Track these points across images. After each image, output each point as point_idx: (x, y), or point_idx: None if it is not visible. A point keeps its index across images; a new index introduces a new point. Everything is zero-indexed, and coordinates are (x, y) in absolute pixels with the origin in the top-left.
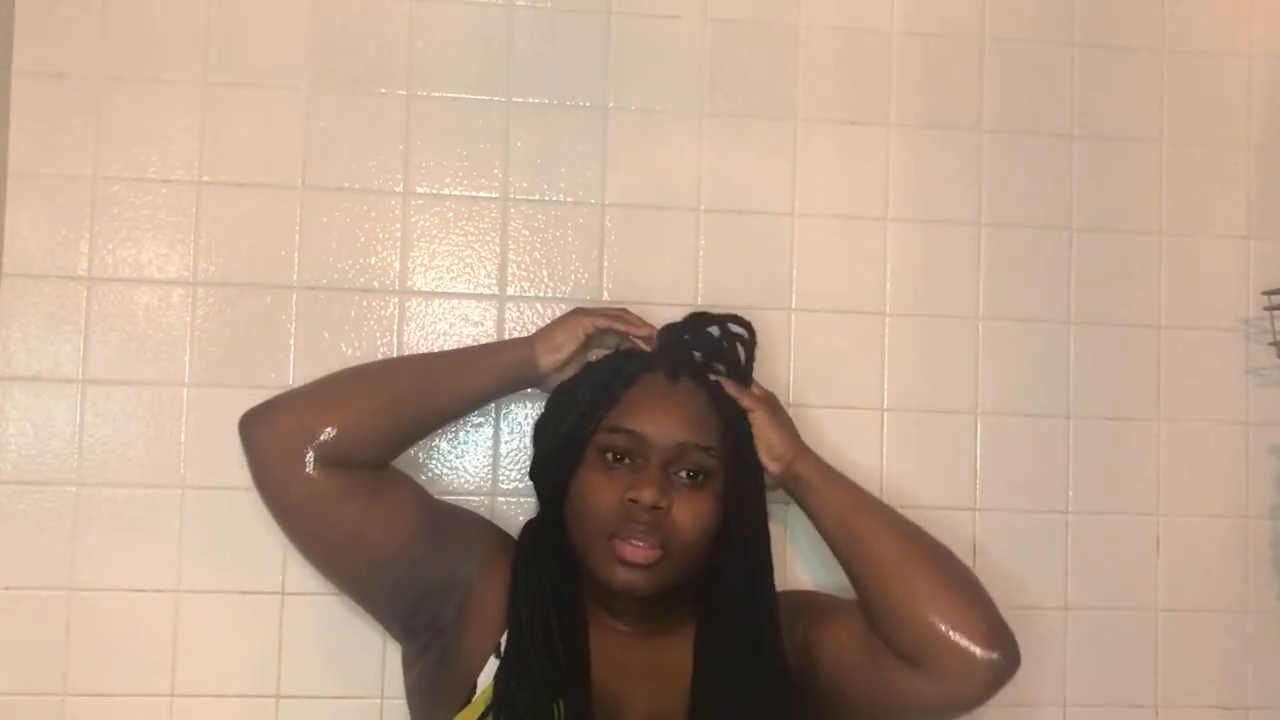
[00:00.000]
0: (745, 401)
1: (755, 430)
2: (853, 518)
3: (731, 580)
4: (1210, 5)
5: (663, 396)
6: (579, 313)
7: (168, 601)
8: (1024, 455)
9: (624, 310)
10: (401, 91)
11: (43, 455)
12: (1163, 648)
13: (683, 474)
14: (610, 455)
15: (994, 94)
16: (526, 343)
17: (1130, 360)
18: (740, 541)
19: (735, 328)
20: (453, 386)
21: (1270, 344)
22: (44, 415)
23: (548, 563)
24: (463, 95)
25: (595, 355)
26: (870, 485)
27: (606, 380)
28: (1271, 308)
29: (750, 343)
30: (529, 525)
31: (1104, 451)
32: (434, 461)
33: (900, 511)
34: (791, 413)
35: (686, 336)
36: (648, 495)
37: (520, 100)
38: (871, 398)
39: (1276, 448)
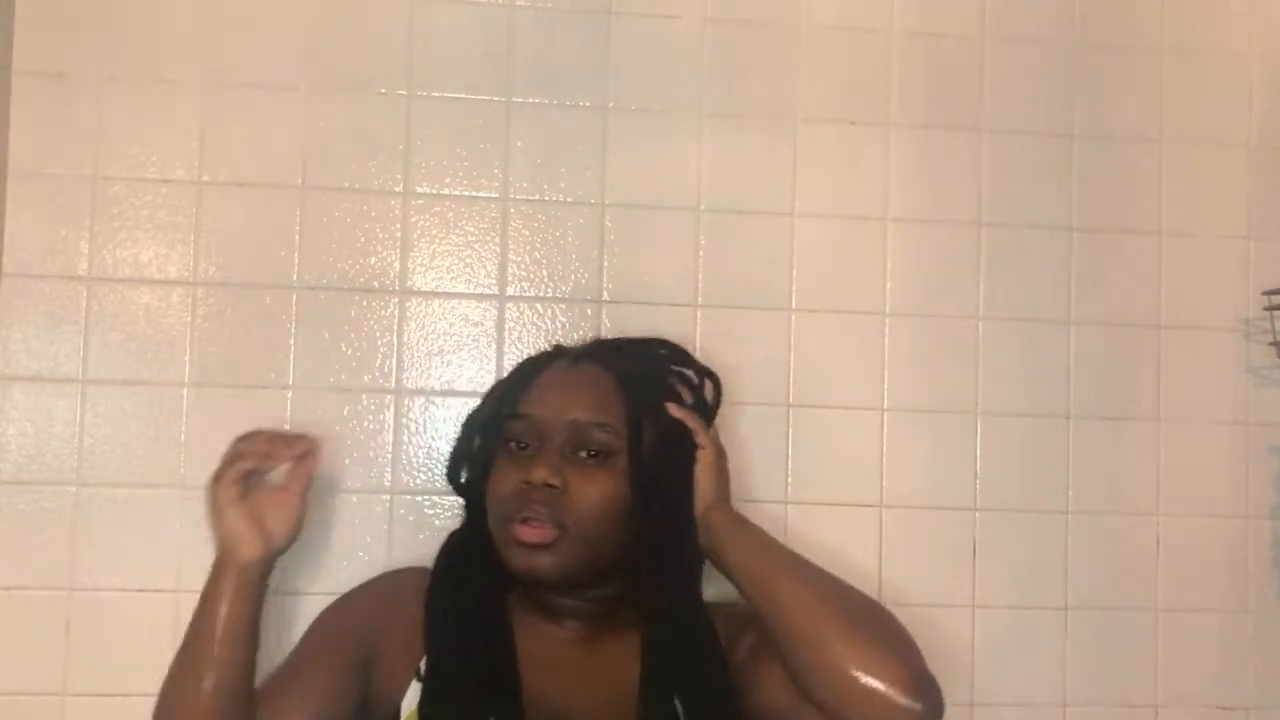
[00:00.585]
0: (700, 438)
1: (697, 468)
2: (766, 574)
3: (662, 572)
4: (1210, 5)
5: (560, 379)
6: (212, 481)
7: (168, 601)
8: (1024, 455)
9: (251, 440)
10: (401, 91)
11: (43, 455)
12: (1163, 648)
13: (582, 453)
14: (514, 444)
15: (994, 94)
16: (219, 562)
17: (1130, 360)
18: (663, 527)
19: (707, 380)
20: (231, 641)
21: (1270, 344)
22: (44, 415)
23: (470, 574)
24: (463, 95)
25: None
26: (870, 485)
27: (515, 374)
28: (1271, 308)
29: (718, 393)
30: (450, 538)
31: (1104, 451)
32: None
33: (819, 567)
34: (792, 413)
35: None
36: (538, 474)
37: (520, 100)
38: (871, 398)
39: (1276, 448)
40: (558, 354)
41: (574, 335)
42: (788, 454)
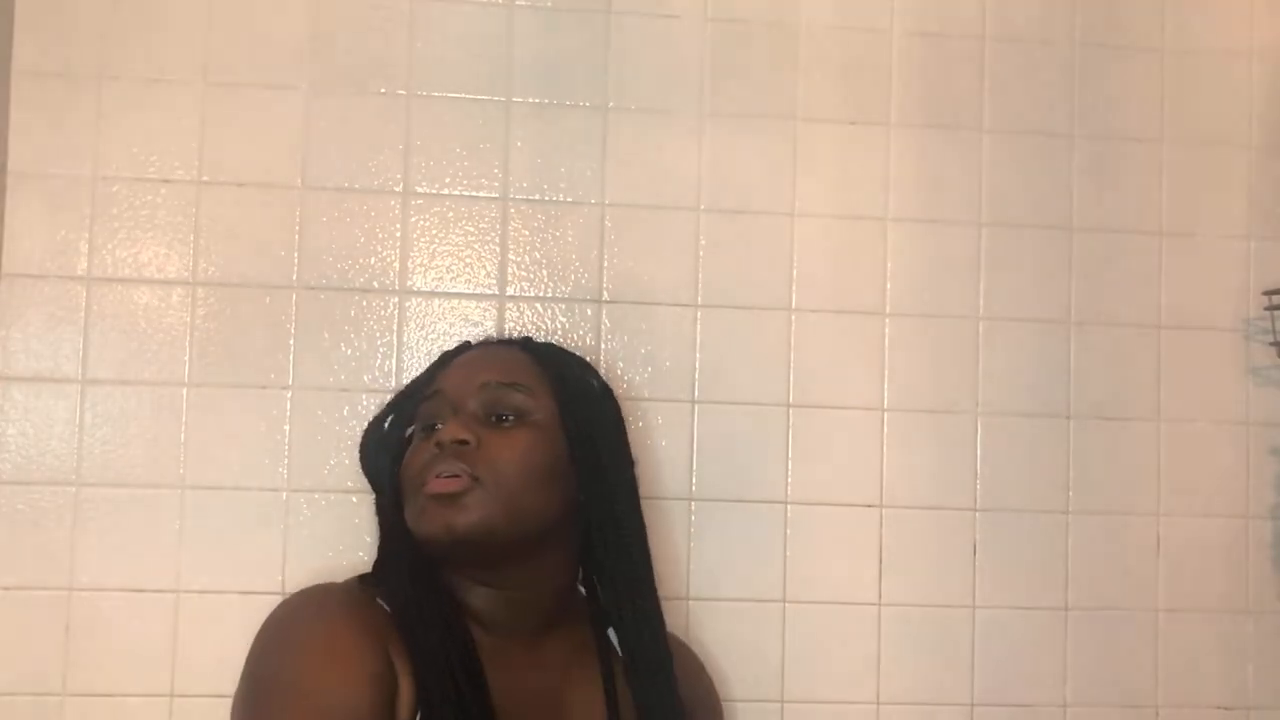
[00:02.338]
0: None
1: None
2: None
3: (609, 559)
4: (1210, 5)
5: (470, 356)
6: None
7: (168, 601)
8: (1024, 455)
9: None
10: (401, 91)
11: (43, 455)
12: (1163, 648)
13: (495, 418)
14: (427, 426)
15: (994, 94)
16: None
17: (1130, 360)
18: (600, 495)
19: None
20: None
21: (1270, 344)
22: (44, 415)
23: (430, 617)
24: (463, 95)
25: None
26: (870, 484)
27: (431, 364)
28: (1271, 308)
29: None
30: (388, 570)
31: (1104, 451)
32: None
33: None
34: (792, 413)
35: None
36: (448, 432)
37: (520, 100)
38: (871, 398)
39: (1276, 448)
40: (469, 346)
41: (574, 335)
42: (788, 454)
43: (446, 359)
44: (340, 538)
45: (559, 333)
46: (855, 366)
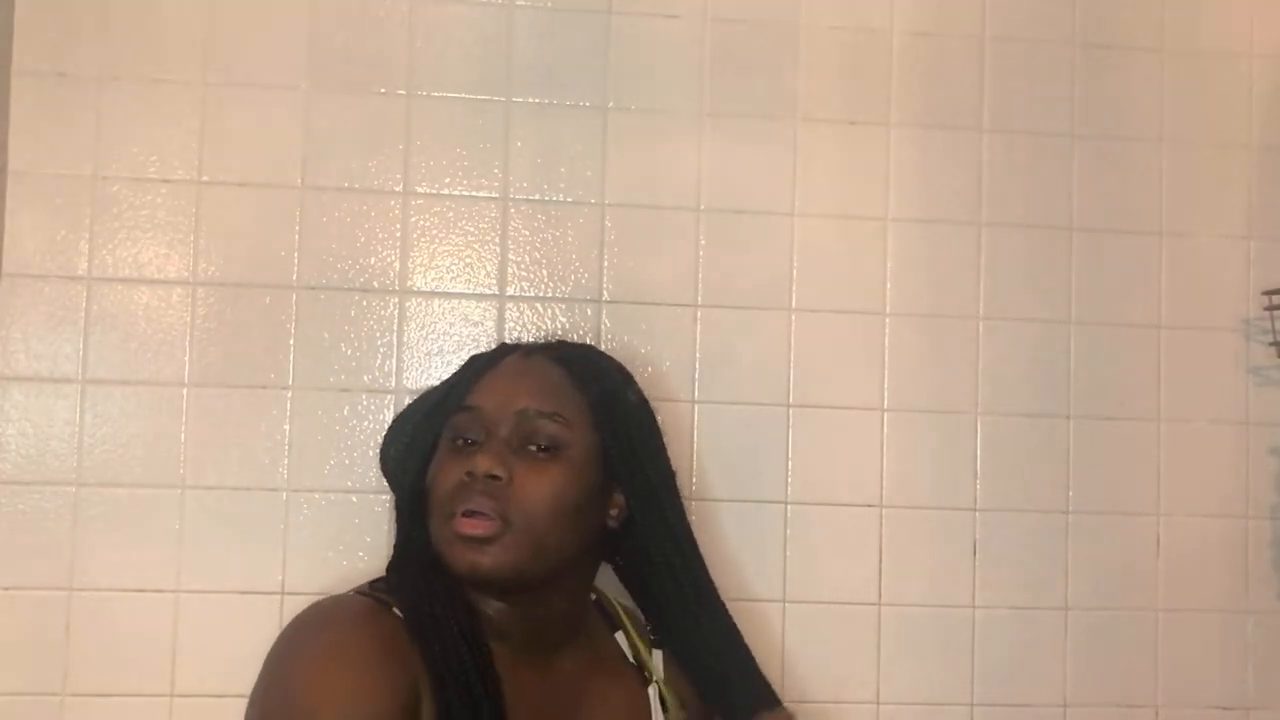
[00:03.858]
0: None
1: None
2: None
3: (667, 558)
4: (1210, 5)
5: (508, 372)
6: None
7: (168, 601)
8: (1024, 455)
9: None
10: (401, 91)
11: (43, 455)
12: (1163, 648)
13: (531, 447)
14: (460, 440)
15: (994, 94)
16: None
17: (1130, 360)
18: (649, 510)
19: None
20: None
21: (1270, 344)
22: (44, 415)
23: (449, 628)
24: (463, 95)
25: None
26: (870, 485)
27: (463, 369)
28: (1271, 308)
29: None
30: (404, 576)
31: (1104, 451)
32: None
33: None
34: (792, 413)
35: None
36: (481, 464)
37: (520, 100)
38: (871, 398)
39: (1276, 448)
40: (509, 349)
41: (574, 335)
42: (788, 454)
43: (481, 366)
44: (340, 538)
45: (559, 333)
46: (855, 366)
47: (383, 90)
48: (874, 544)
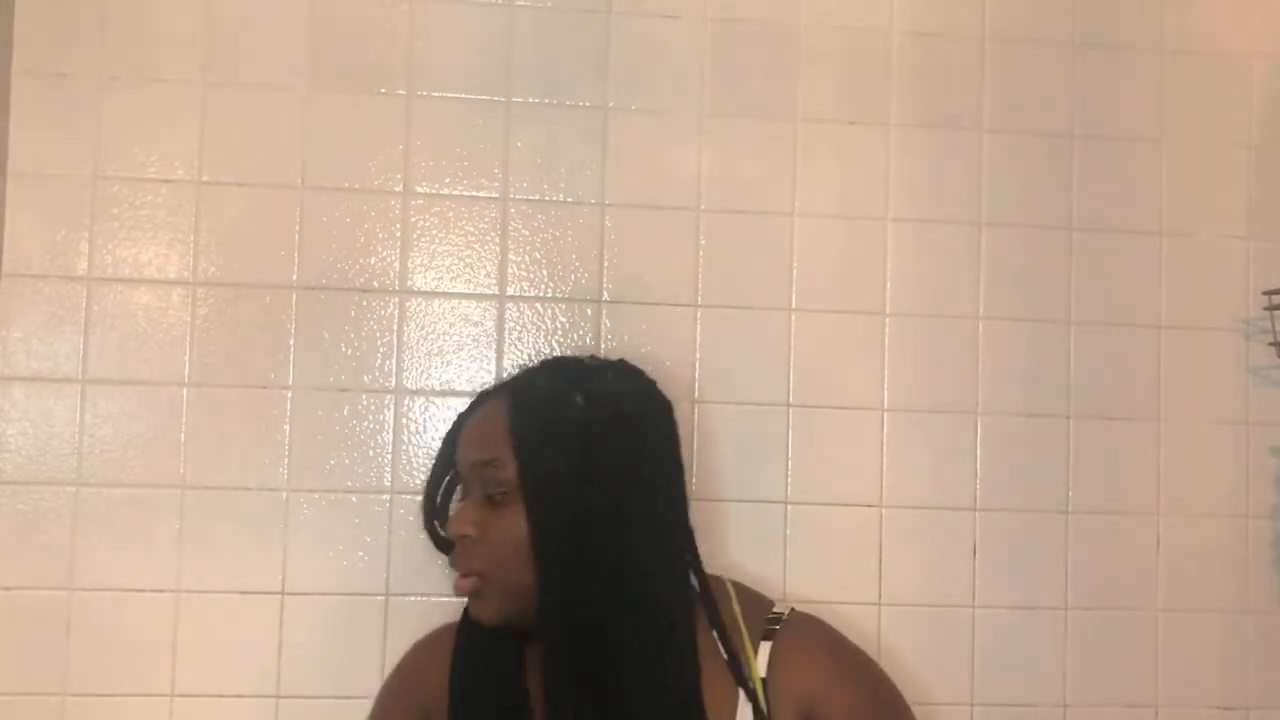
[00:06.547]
0: None
1: None
2: None
3: (560, 615)
4: (1210, 5)
5: (471, 423)
6: None
7: (168, 601)
8: (1024, 455)
9: None
10: (401, 91)
11: (43, 455)
12: (1163, 648)
13: (492, 495)
14: (462, 500)
15: (994, 94)
16: None
17: (1130, 360)
18: (557, 563)
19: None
20: None
21: (1270, 344)
22: (44, 415)
23: (486, 645)
24: (463, 95)
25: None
26: (870, 485)
27: (454, 424)
28: (1271, 308)
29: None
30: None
31: (1104, 451)
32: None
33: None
34: (792, 413)
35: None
36: (454, 528)
37: (520, 100)
38: (871, 398)
39: (1276, 448)
40: (483, 398)
41: (574, 335)
42: (788, 454)
43: (461, 420)
44: (340, 538)
45: (559, 333)
46: (855, 366)
47: (383, 90)
48: (874, 544)
